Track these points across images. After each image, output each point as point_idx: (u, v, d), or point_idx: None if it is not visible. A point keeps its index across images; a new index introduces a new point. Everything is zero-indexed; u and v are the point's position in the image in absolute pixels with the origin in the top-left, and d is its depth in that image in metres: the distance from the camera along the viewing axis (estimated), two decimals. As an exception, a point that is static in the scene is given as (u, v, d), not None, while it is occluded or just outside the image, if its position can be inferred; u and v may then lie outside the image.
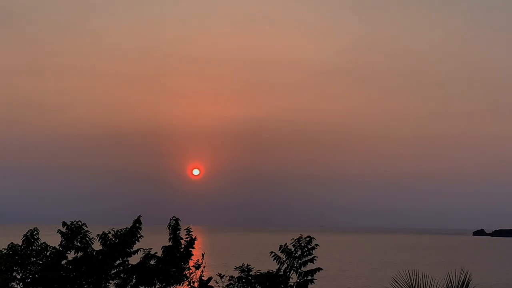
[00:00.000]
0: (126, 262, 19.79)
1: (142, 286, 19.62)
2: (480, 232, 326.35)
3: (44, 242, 19.51)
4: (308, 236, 19.57)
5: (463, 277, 16.15)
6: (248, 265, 19.48)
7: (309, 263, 19.32)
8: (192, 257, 20.14)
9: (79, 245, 19.49)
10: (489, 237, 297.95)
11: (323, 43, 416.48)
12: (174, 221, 20.31)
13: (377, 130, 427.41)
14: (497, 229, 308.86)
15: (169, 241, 20.12)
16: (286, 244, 19.55)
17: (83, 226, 19.65)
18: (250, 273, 19.36)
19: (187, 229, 20.31)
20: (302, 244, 19.41)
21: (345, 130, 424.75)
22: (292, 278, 19.21)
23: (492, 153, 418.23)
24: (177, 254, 19.90)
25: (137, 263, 19.77)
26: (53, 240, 19.94)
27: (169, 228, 20.21)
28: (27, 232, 19.37)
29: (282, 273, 19.12)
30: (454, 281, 16.14)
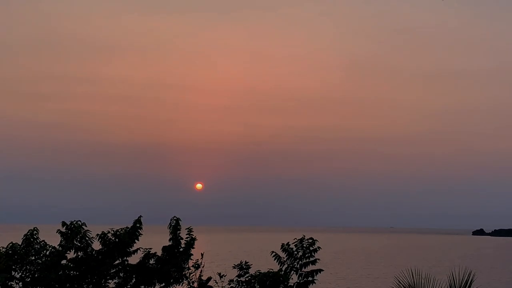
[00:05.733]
0: (126, 262, 19.74)
1: (141, 286, 19.57)
2: (479, 232, 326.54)
3: (43, 241, 19.49)
4: (311, 238, 19.49)
5: (466, 277, 16.06)
6: (246, 262, 19.40)
7: (310, 264, 19.22)
8: (192, 257, 20.09)
9: (79, 244, 19.44)
10: (489, 236, 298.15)
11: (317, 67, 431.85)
12: (174, 221, 20.24)
13: (376, 132, 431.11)
14: (496, 229, 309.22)
15: (169, 241, 20.08)
16: (288, 243, 19.46)
17: (82, 226, 19.59)
18: (248, 270, 19.28)
19: (188, 228, 20.25)
20: (305, 245, 19.31)
21: (348, 137, 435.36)
22: (292, 278, 19.11)
23: (492, 152, 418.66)
24: (177, 254, 19.84)
25: (137, 262, 19.73)
26: (55, 240, 19.85)
27: (169, 228, 20.16)
28: (27, 232, 19.36)
29: (282, 272, 19.02)
30: (457, 280, 16.04)
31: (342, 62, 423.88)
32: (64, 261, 19.39)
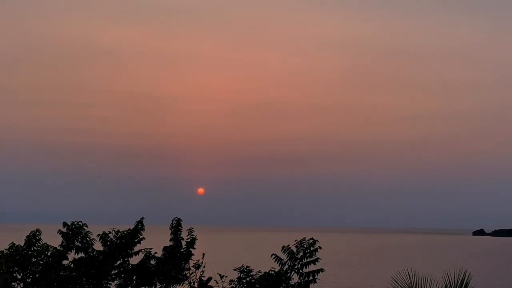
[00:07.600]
0: (127, 263, 19.84)
1: (142, 286, 19.64)
2: (480, 232, 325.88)
3: (45, 243, 19.45)
4: (311, 238, 19.61)
5: (462, 277, 16.03)
6: (247, 267, 19.49)
7: (311, 264, 19.32)
8: (193, 257, 20.17)
9: (80, 245, 19.50)
10: (489, 237, 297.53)
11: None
12: (176, 222, 20.33)
13: (375, 133, 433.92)
14: (497, 229, 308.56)
15: (170, 241, 20.20)
16: (288, 245, 19.57)
17: (83, 227, 19.63)
18: (249, 274, 19.34)
19: (189, 229, 20.36)
20: (305, 246, 19.43)
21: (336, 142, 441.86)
22: (293, 278, 19.20)
23: (492, 152, 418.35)
24: (178, 254, 19.94)
25: (138, 263, 19.76)
26: (56, 240, 19.96)
27: (171, 229, 20.28)
28: (30, 233, 19.34)
29: (283, 272, 19.09)
30: (453, 280, 16.05)
31: (329, 71, 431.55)
32: (65, 262, 19.44)
